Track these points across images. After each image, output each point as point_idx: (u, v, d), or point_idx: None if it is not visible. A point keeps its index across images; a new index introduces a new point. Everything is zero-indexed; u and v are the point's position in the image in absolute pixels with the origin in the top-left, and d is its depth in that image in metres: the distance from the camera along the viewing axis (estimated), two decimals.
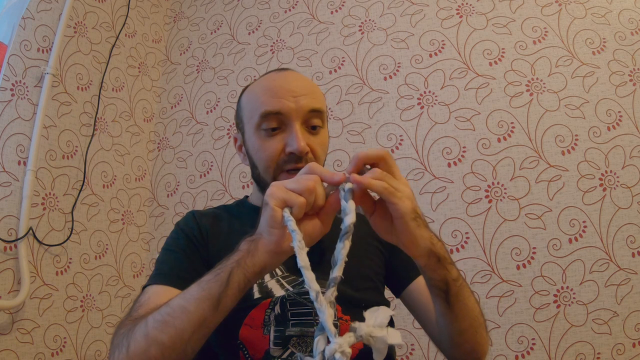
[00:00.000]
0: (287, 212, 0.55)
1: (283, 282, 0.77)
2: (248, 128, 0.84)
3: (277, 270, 0.79)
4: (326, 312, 0.49)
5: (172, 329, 0.56)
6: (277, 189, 0.55)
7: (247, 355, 0.72)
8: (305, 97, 0.80)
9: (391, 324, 0.90)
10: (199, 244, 0.82)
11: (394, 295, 0.93)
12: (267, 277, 0.78)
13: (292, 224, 0.54)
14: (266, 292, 0.76)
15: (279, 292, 0.76)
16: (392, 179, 0.57)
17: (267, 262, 0.57)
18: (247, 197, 0.97)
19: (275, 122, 0.79)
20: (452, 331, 0.71)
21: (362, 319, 0.77)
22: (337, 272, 0.52)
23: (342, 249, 0.53)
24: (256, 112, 0.81)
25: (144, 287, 0.75)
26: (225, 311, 0.57)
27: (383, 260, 0.89)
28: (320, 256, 0.81)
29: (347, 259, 0.53)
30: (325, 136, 0.85)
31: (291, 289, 0.76)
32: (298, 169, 0.78)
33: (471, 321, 0.70)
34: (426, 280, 0.67)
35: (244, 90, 0.90)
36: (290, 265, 0.79)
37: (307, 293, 0.75)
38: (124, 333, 0.60)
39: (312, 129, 0.82)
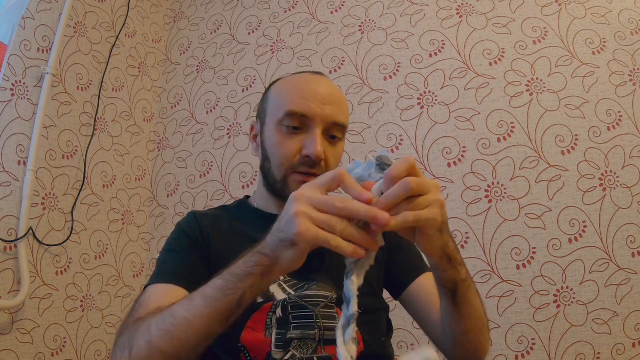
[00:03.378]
0: None
1: (285, 286, 0.77)
2: (269, 121, 0.85)
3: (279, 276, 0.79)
4: None
5: (177, 341, 0.56)
6: (309, 230, 0.49)
7: (248, 358, 0.72)
8: (332, 107, 0.81)
9: (389, 327, 0.90)
10: (200, 244, 0.82)
11: (392, 298, 0.93)
12: None
13: None
14: (268, 296, 0.76)
15: (280, 295, 0.76)
16: (421, 189, 0.52)
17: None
18: (247, 197, 0.97)
19: (298, 122, 0.80)
20: (457, 331, 0.71)
21: (362, 322, 0.77)
22: (353, 309, 0.52)
23: (351, 285, 0.52)
24: (282, 108, 0.81)
25: (145, 287, 0.75)
26: (231, 324, 0.58)
27: (382, 263, 0.89)
28: (321, 261, 0.81)
29: (358, 293, 0.52)
30: (341, 149, 0.86)
31: (293, 293, 0.76)
32: (311, 174, 0.79)
33: (476, 321, 0.70)
34: (436, 278, 0.67)
35: (273, 83, 0.91)
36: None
37: (309, 297, 0.75)
38: (127, 335, 0.60)
39: (331, 139, 0.83)
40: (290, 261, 0.53)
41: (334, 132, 0.82)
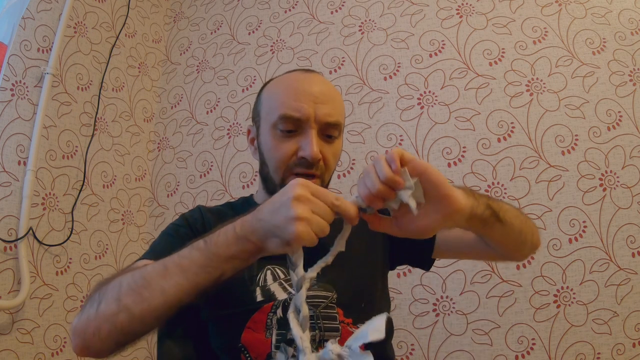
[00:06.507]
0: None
1: (285, 285, 0.77)
2: (264, 124, 0.84)
3: (280, 274, 0.79)
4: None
5: (147, 304, 0.56)
6: (308, 235, 0.53)
7: (249, 359, 0.72)
8: (326, 106, 0.80)
9: (390, 329, 0.90)
10: (199, 236, 0.82)
11: (424, 269, 0.96)
12: (269, 280, 0.78)
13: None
14: (268, 296, 0.76)
15: (281, 295, 0.76)
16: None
17: None
18: (252, 195, 0.97)
19: (292, 125, 0.79)
20: (499, 251, 0.79)
21: (363, 321, 0.77)
22: (300, 273, 0.57)
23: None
24: (275, 111, 0.81)
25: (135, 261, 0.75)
26: (203, 298, 0.58)
27: (387, 250, 0.90)
28: (324, 253, 0.81)
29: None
30: (339, 146, 0.85)
31: (294, 292, 0.76)
32: (307, 175, 0.79)
33: (523, 228, 0.75)
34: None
35: (266, 84, 0.90)
36: None
37: (310, 297, 0.76)
38: (98, 292, 0.60)
39: (328, 137, 0.82)
40: (277, 250, 0.55)
41: (329, 131, 0.81)
